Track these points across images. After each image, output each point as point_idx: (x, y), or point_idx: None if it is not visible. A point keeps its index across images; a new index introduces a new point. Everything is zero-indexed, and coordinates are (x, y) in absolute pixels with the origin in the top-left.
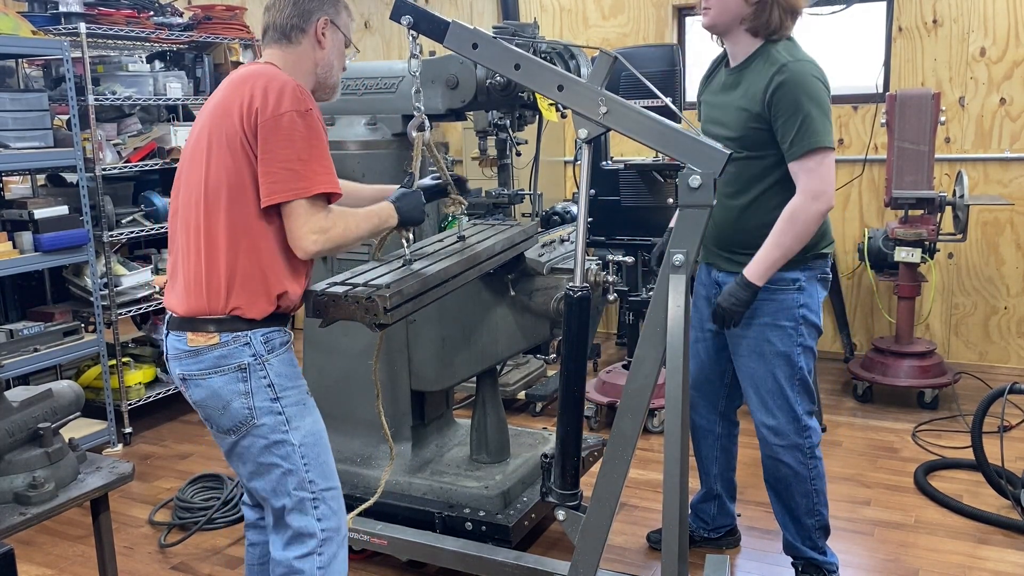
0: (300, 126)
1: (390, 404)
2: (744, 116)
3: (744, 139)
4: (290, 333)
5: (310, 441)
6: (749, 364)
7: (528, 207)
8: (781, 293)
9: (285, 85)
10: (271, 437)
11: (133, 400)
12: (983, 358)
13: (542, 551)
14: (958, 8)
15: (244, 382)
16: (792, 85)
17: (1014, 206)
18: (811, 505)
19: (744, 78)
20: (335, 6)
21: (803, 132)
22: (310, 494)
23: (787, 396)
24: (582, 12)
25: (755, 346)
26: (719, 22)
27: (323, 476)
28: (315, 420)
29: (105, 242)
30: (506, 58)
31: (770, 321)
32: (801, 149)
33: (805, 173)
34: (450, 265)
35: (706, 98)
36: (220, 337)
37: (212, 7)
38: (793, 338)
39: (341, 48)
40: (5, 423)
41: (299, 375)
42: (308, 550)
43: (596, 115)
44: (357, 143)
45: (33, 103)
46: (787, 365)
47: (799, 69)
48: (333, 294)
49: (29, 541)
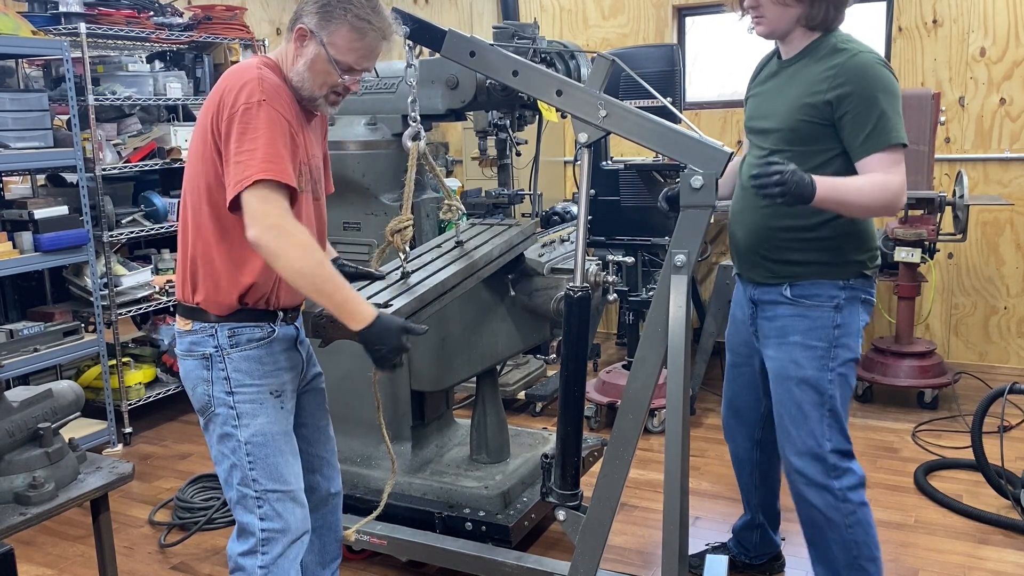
0: (249, 118)
1: (390, 404)
2: (797, 108)
3: (795, 132)
4: (275, 329)
5: (258, 440)
6: (776, 388)
7: (528, 207)
8: (816, 310)
9: (247, 80)
10: (223, 428)
11: (133, 400)
12: (983, 358)
13: (542, 551)
14: (958, 8)
15: (207, 370)
16: (863, 76)
17: (1014, 206)
18: (851, 558)
19: (800, 69)
20: (321, 19)
21: (881, 127)
22: (253, 492)
23: (812, 428)
24: (582, 12)
25: (782, 368)
26: (777, 29)
27: (269, 477)
28: (270, 421)
29: (105, 242)
30: (504, 65)
31: (800, 340)
32: (879, 144)
33: (885, 169)
34: (447, 277)
35: (754, 91)
36: (192, 325)
37: (212, 7)
38: (825, 362)
39: (320, 65)
40: (5, 423)
41: (266, 374)
42: (249, 547)
43: (596, 119)
44: (357, 143)
45: (33, 103)
46: (815, 392)
47: (868, 60)
48: (330, 315)
49: (29, 541)
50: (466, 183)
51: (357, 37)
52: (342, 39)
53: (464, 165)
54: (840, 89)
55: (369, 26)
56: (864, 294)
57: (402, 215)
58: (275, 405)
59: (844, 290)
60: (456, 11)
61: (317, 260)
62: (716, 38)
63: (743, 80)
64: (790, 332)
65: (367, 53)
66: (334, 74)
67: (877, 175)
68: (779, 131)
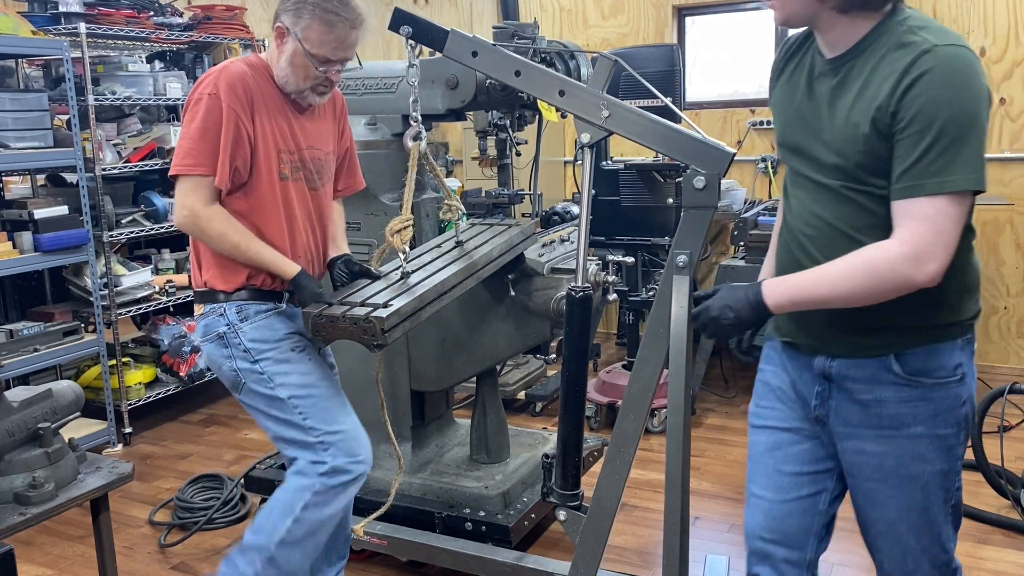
0: (194, 110)
1: (390, 404)
2: (857, 133)
3: (858, 167)
4: (280, 307)
5: (301, 394)
6: (886, 492)
7: (528, 207)
8: (942, 389)
9: (208, 74)
10: (263, 394)
11: (133, 400)
12: (983, 358)
13: (542, 551)
14: (958, 8)
15: (225, 347)
16: (941, 82)
17: (1014, 206)
18: None
19: (855, 72)
20: (297, 15)
21: (936, 160)
22: (313, 437)
23: (939, 534)
24: (582, 12)
25: (899, 467)
26: (794, 13)
27: (326, 420)
28: (303, 372)
29: (105, 242)
30: (506, 65)
31: (926, 431)
32: (923, 187)
33: (914, 220)
34: (447, 278)
35: (781, 98)
36: (204, 308)
37: (212, 7)
38: (954, 450)
39: (298, 60)
40: (5, 423)
41: (280, 336)
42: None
43: (598, 119)
44: (357, 143)
45: (33, 103)
46: (942, 488)
47: (953, 56)
48: (331, 315)
49: (29, 541)
50: (466, 183)
51: (327, 30)
52: (314, 33)
53: (464, 165)
54: (906, 95)
55: (337, 17)
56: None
57: (402, 215)
58: (301, 358)
59: (965, 350)
60: (456, 11)
61: (233, 243)
62: (716, 38)
63: (743, 80)
64: (911, 422)
65: (339, 44)
66: (312, 68)
67: (868, 251)
68: (834, 168)
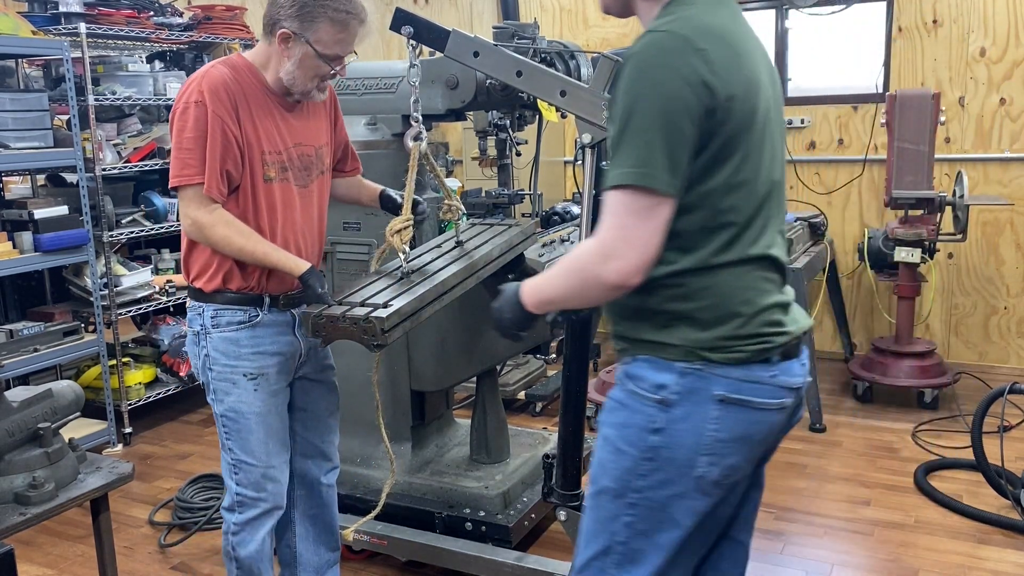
0: (182, 120)
1: (390, 404)
2: None
3: None
4: (259, 314)
5: (231, 416)
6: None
7: (528, 207)
8: (636, 399)
9: (191, 80)
10: (209, 398)
11: (133, 400)
12: (983, 358)
13: (542, 551)
14: (958, 8)
15: (196, 345)
16: (628, 71)
17: (1014, 206)
18: None
19: None
20: (302, 21)
21: (614, 152)
22: (229, 459)
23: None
24: (582, 12)
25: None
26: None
27: (242, 450)
28: (241, 401)
29: (105, 242)
30: (508, 65)
31: (613, 434)
32: (607, 179)
33: (604, 215)
34: (447, 278)
35: None
36: (191, 303)
37: (212, 7)
38: (629, 479)
39: (309, 62)
40: (5, 423)
41: (242, 356)
42: (228, 504)
43: (600, 119)
44: (357, 143)
45: (33, 103)
46: (611, 519)
47: (648, 43)
48: (331, 315)
49: (29, 541)
50: (466, 183)
51: (340, 29)
52: (326, 34)
53: (464, 165)
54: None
55: (348, 16)
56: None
57: (402, 215)
58: (248, 387)
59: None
60: (456, 11)
61: (238, 247)
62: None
63: None
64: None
65: (351, 40)
66: (324, 67)
67: (577, 249)
68: None
